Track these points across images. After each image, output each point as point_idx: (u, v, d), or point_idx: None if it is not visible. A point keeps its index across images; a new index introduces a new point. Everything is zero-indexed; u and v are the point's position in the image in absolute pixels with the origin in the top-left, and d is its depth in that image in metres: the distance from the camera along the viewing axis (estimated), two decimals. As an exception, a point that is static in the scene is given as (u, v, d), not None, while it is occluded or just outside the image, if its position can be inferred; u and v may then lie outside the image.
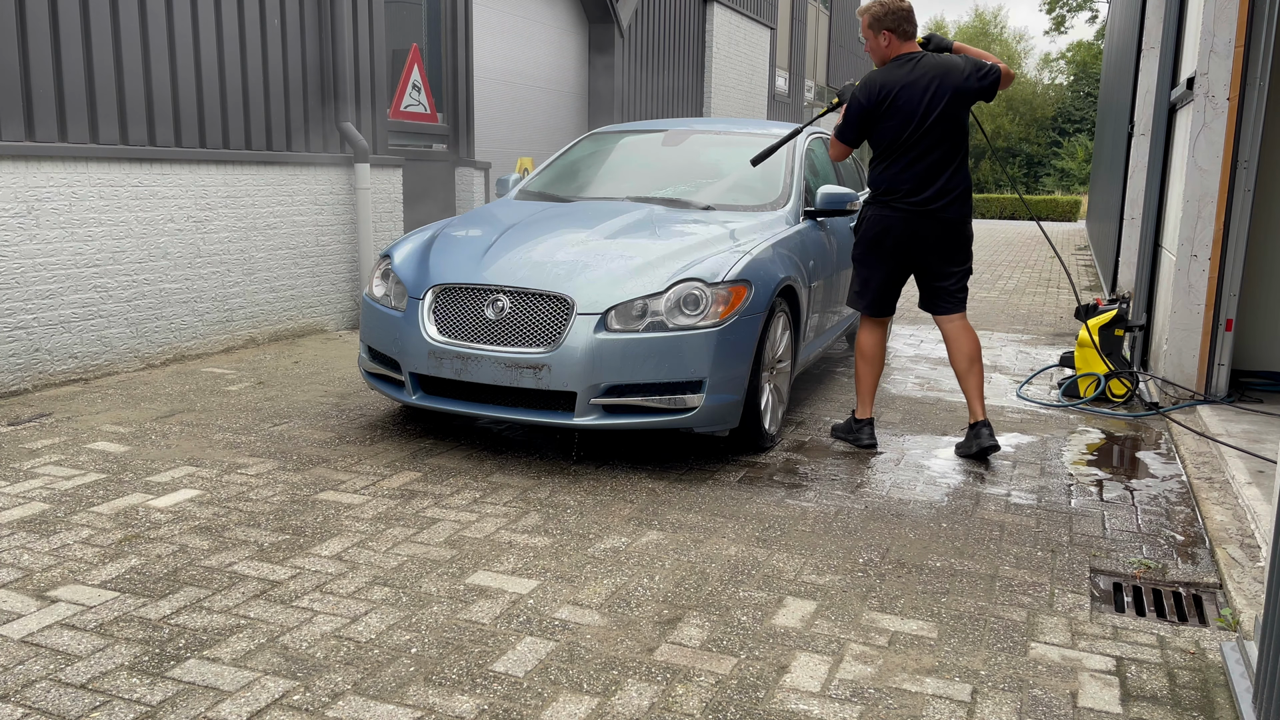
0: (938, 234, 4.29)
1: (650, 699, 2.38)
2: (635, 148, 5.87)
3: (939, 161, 4.24)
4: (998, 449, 4.31)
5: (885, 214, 4.31)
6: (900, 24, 4.25)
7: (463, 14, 8.72)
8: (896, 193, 4.27)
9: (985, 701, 2.42)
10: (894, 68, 4.25)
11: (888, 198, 4.30)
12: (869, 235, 4.38)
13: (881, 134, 4.28)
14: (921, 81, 4.19)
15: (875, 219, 4.35)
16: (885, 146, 4.29)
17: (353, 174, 7.22)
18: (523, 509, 3.62)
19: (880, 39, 4.28)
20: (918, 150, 4.22)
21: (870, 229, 4.37)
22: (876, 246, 4.37)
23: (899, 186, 4.26)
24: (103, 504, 3.54)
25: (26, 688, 2.36)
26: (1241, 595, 2.96)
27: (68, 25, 5.15)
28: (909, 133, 4.20)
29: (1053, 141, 44.98)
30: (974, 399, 4.40)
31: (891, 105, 4.20)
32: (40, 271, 5.13)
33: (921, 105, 4.18)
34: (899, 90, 4.19)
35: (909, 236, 4.30)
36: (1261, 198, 5.32)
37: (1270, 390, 5.41)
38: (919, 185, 4.24)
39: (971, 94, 4.24)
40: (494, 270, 4.17)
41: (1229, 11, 4.93)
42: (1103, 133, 15.33)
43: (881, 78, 4.24)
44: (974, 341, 4.42)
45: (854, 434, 4.56)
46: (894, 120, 4.21)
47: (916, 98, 4.18)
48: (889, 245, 4.33)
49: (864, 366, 4.54)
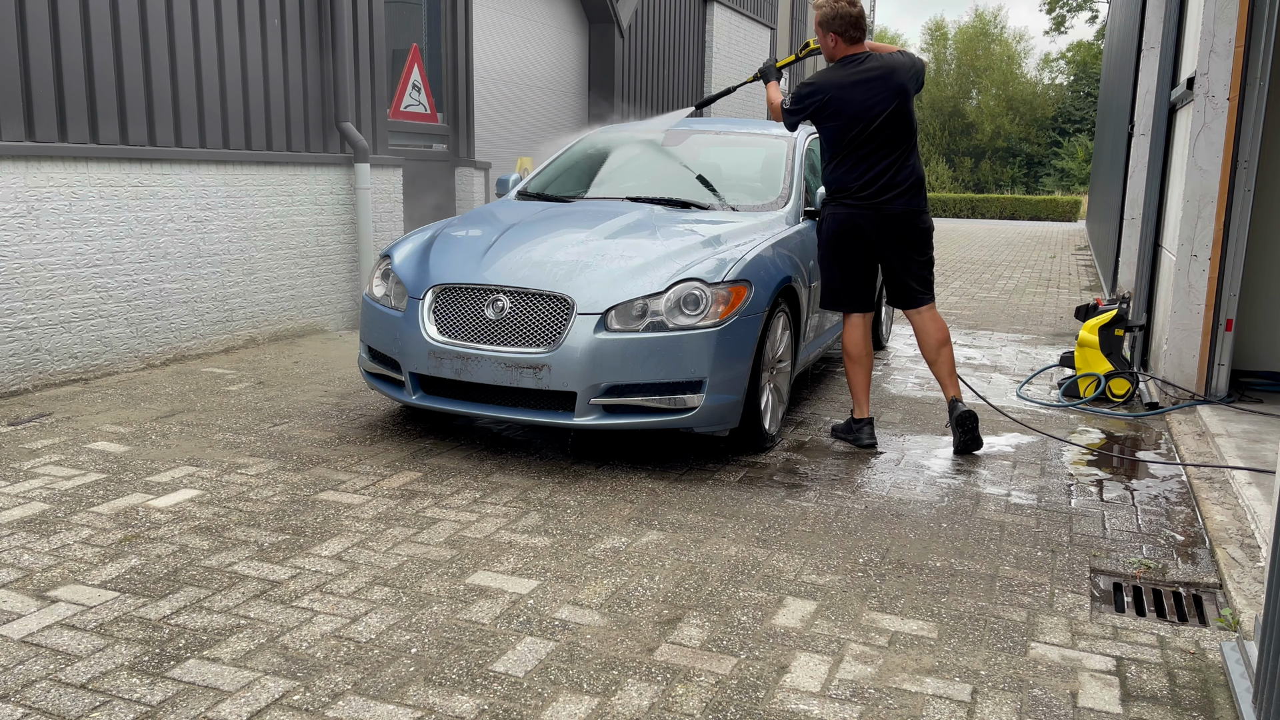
0: (891, 228, 4.39)
1: (650, 699, 2.38)
2: (635, 148, 5.86)
3: (885, 157, 4.34)
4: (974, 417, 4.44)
5: (839, 211, 4.42)
6: (846, 29, 4.36)
7: (463, 14, 8.72)
8: (847, 190, 4.39)
9: (985, 701, 2.42)
10: (834, 70, 4.40)
11: (840, 195, 4.42)
12: (829, 234, 4.48)
13: (826, 134, 4.43)
14: (863, 84, 4.31)
15: (831, 217, 4.46)
16: (832, 147, 4.42)
17: (353, 174, 7.22)
18: (523, 509, 3.62)
19: (828, 39, 4.42)
20: (864, 149, 4.33)
21: (829, 227, 4.47)
22: (837, 243, 4.46)
23: (848, 184, 4.38)
24: (103, 504, 3.54)
25: (26, 688, 2.36)
26: (1241, 595, 2.96)
27: (68, 25, 5.15)
28: (853, 134, 4.32)
29: (1053, 141, 44.97)
30: (947, 381, 4.56)
31: (830, 109, 4.33)
32: (40, 271, 5.13)
33: (863, 106, 4.29)
34: (836, 93, 4.32)
35: (865, 231, 4.39)
36: (1261, 198, 5.32)
37: (1270, 390, 5.41)
38: (868, 182, 4.34)
39: (913, 91, 4.39)
40: (494, 270, 4.17)
41: (1229, 11, 4.93)
42: (1103, 133, 15.33)
43: (819, 81, 4.39)
44: (942, 328, 4.56)
45: (854, 434, 4.57)
46: (836, 122, 4.34)
47: (858, 99, 4.30)
48: (848, 241, 4.43)
49: (851, 367, 4.60)
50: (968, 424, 4.44)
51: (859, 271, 4.50)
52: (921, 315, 4.58)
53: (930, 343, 4.56)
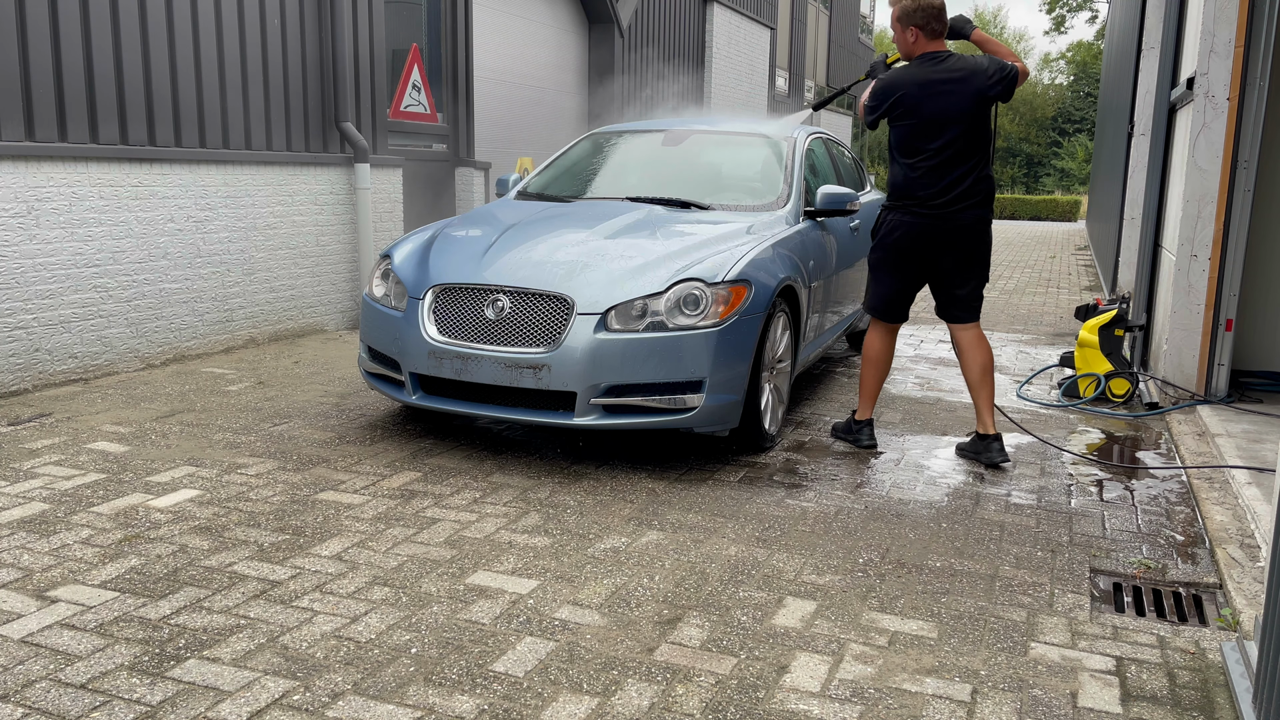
0: (956, 239, 4.18)
1: (650, 699, 2.38)
2: (635, 148, 5.86)
3: (959, 164, 4.12)
4: (1007, 463, 4.27)
5: (904, 219, 4.20)
6: (929, 21, 4.12)
7: (463, 14, 8.72)
8: (915, 197, 4.16)
9: (985, 701, 2.42)
10: (914, 67, 4.16)
11: (906, 202, 4.19)
12: (887, 240, 4.27)
13: (897, 135, 4.19)
14: (942, 84, 4.07)
15: (894, 224, 4.24)
16: (902, 149, 4.19)
17: (353, 174, 7.22)
18: (523, 509, 3.62)
19: (907, 34, 4.16)
20: (939, 155, 4.10)
21: (889, 234, 4.26)
22: (894, 252, 4.25)
23: (917, 190, 4.15)
24: (103, 504, 3.54)
25: (26, 688, 2.36)
26: (1241, 595, 2.96)
27: (68, 25, 5.15)
28: (927, 135, 4.10)
29: (1053, 141, 44.98)
30: (985, 411, 4.31)
31: (906, 107, 4.11)
32: (40, 271, 5.13)
33: (940, 107, 4.07)
34: (914, 91, 4.08)
35: (927, 242, 4.19)
36: (1261, 198, 5.32)
37: (1270, 390, 5.41)
38: (938, 188, 4.12)
39: (993, 96, 4.13)
40: (494, 270, 4.17)
41: (1229, 11, 4.93)
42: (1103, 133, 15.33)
43: (896, 78, 4.15)
44: (987, 352, 4.32)
45: (854, 435, 4.54)
46: (909, 122, 4.12)
47: (935, 100, 4.07)
48: (907, 251, 4.23)
49: (868, 370, 4.47)
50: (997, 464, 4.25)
51: (913, 283, 4.34)
52: (968, 333, 4.34)
53: (975, 365, 4.30)
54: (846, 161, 6.56)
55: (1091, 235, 17.20)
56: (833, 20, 24.88)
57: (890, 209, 4.27)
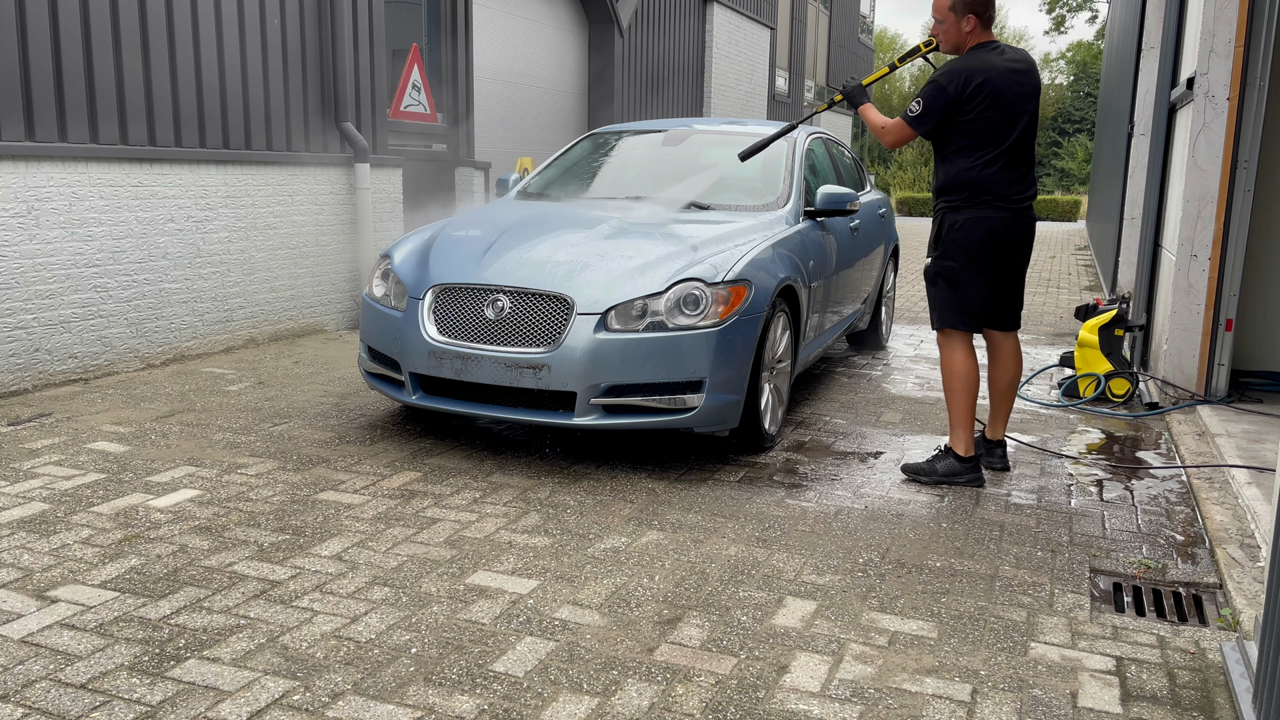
0: (1027, 237, 4.01)
1: (650, 699, 2.38)
2: (635, 148, 5.87)
3: (1027, 158, 3.96)
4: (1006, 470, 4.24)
5: (989, 216, 3.89)
6: (988, 8, 3.90)
7: (463, 14, 8.72)
8: (995, 192, 3.89)
9: (985, 701, 2.42)
10: (983, 55, 3.89)
11: (988, 198, 3.89)
12: (972, 241, 3.91)
13: (974, 127, 3.87)
14: (1016, 73, 3.88)
15: (978, 221, 3.90)
16: (979, 141, 3.88)
17: (353, 174, 7.22)
18: (523, 509, 3.62)
19: (964, 23, 3.89)
20: (1016, 148, 3.90)
21: (973, 233, 3.90)
22: (987, 253, 3.92)
23: (999, 186, 3.88)
24: (103, 504, 3.54)
25: (26, 688, 2.36)
26: (1241, 595, 2.96)
27: (68, 25, 5.15)
28: (1005, 126, 3.86)
29: (1053, 141, 44.98)
30: (1002, 419, 4.22)
31: (987, 96, 3.82)
32: (40, 271, 5.13)
33: (1018, 98, 3.87)
34: (996, 79, 3.83)
35: (1010, 240, 3.95)
36: (1261, 198, 5.32)
37: (1270, 390, 5.41)
38: (1018, 184, 3.92)
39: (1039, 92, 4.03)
40: (494, 270, 4.17)
41: (1229, 11, 4.93)
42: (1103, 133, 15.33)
43: (973, 65, 3.86)
44: (1020, 364, 4.20)
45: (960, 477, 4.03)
46: (993, 112, 3.84)
47: (1014, 88, 3.86)
48: (999, 250, 3.94)
49: (967, 395, 4.01)
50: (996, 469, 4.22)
51: (995, 285, 4.02)
52: (1012, 340, 4.16)
53: (1010, 374, 4.15)
54: (846, 161, 6.56)
55: (1091, 235, 17.20)
56: (833, 20, 24.89)
57: (962, 207, 3.93)
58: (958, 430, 4.03)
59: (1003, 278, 4.02)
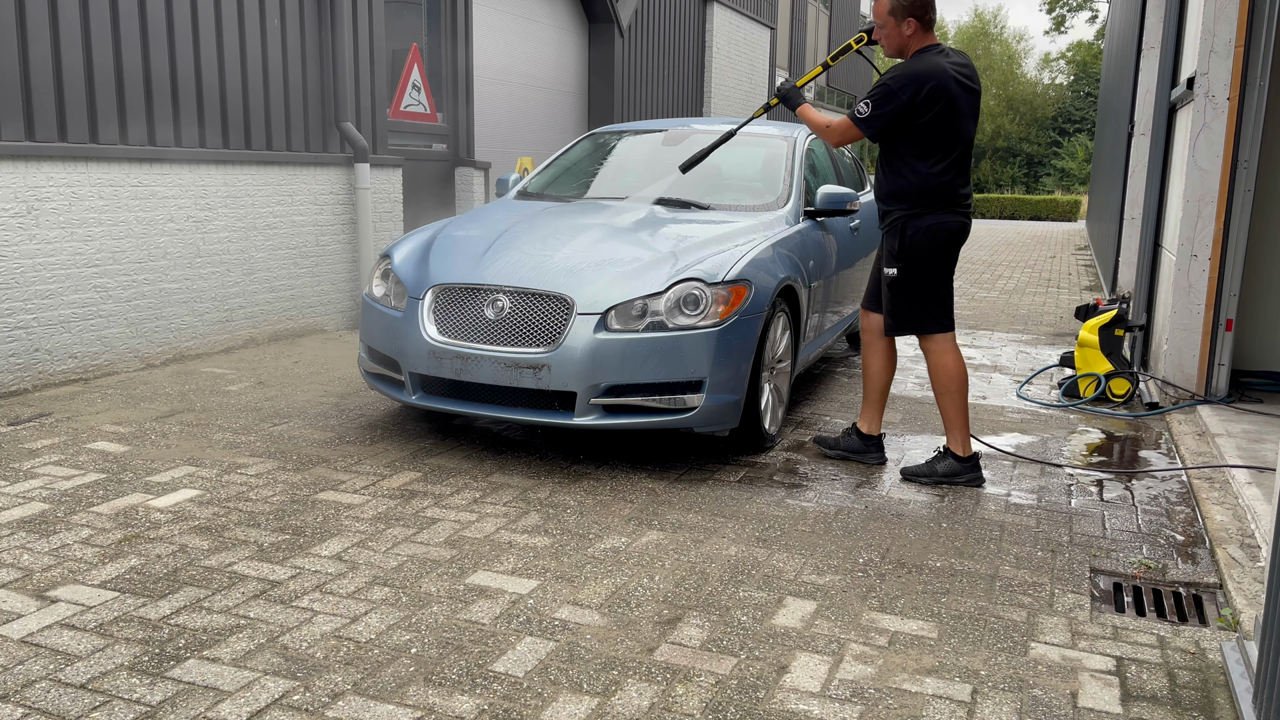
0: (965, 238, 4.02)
1: (650, 699, 2.38)
2: (635, 148, 5.86)
3: (969, 163, 3.98)
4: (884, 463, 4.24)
5: (949, 220, 3.89)
6: (927, 10, 3.88)
7: (463, 14, 8.72)
8: (953, 197, 3.89)
9: (985, 701, 2.42)
10: (930, 58, 3.85)
11: (946, 203, 3.88)
12: (935, 245, 3.90)
13: (928, 132, 3.82)
14: (965, 77, 3.88)
15: (940, 228, 3.88)
16: (934, 147, 3.84)
17: (353, 174, 7.22)
18: (523, 509, 3.62)
19: (904, 27, 3.87)
20: (964, 151, 3.91)
21: (934, 238, 3.89)
22: (947, 255, 3.94)
23: (955, 189, 3.89)
24: (103, 504, 3.54)
25: (26, 688, 2.36)
26: (1241, 595, 2.96)
27: (68, 25, 5.15)
28: (957, 131, 3.85)
29: (1053, 141, 44.98)
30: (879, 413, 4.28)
31: (942, 100, 3.79)
32: (40, 271, 5.13)
33: (969, 102, 3.88)
34: (948, 85, 3.80)
35: (962, 242, 3.99)
36: (1261, 198, 5.32)
37: (1270, 390, 5.41)
38: (966, 188, 3.93)
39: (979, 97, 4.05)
40: (494, 270, 4.17)
41: (1229, 11, 4.93)
42: (1103, 133, 15.33)
43: (923, 70, 3.80)
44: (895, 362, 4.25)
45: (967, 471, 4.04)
46: (945, 116, 3.81)
47: (964, 93, 3.86)
48: (954, 252, 3.97)
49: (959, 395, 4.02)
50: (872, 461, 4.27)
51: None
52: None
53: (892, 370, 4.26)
54: (846, 161, 6.56)
55: (1091, 235, 17.20)
56: (833, 20, 24.88)
57: (924, 214, 3.87)
58: (954, 431, 4.04)
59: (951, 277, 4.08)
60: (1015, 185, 44.76)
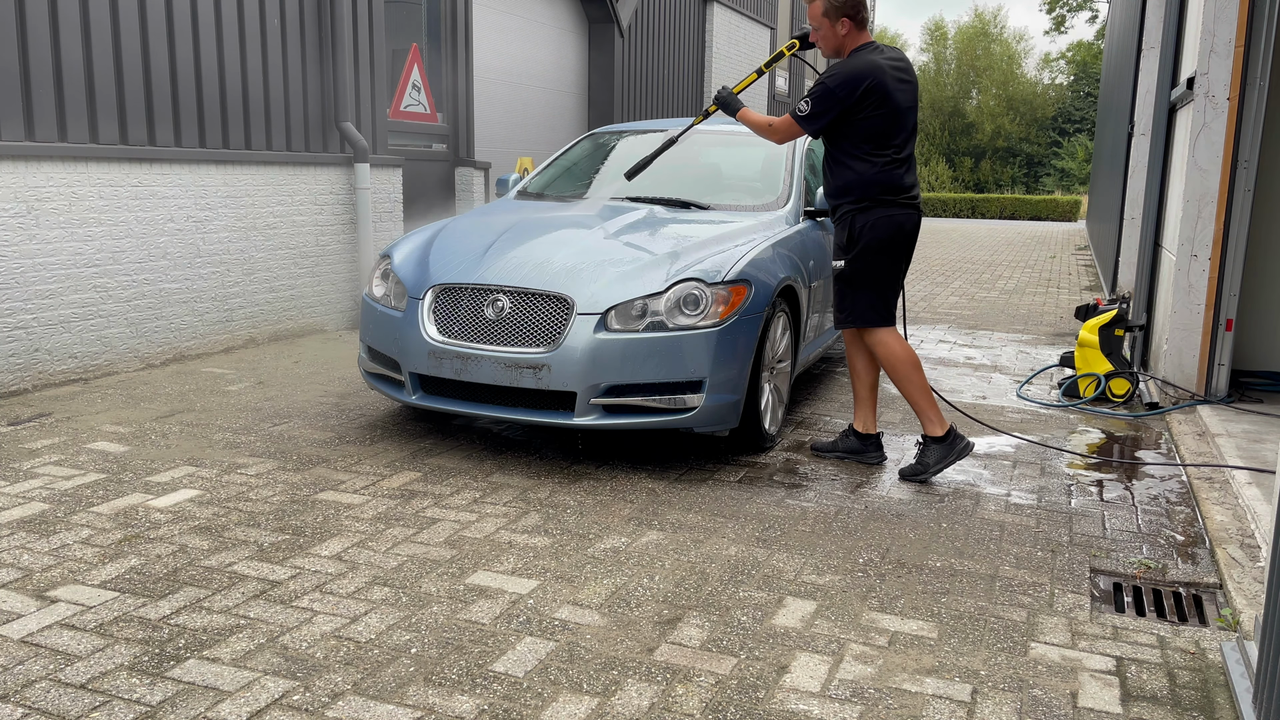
0: (917, 231, 4.12)
1: (650, 699, 2.38)
2: (635, 148, 5.86)
3: (913, 155, 4.10)
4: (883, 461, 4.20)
5: (896, 214, 3.99)
6: (859, 10, 3.98)
7: (463, 14, 8.72)
8: (900, 188, 3.99)
9: (985, 701, 2.42)
10: (865, 56, 3.96)
11: (893, 195, 3.98)
12: (882, 238, 3.99)
13: (868, 127, 3.93)
14: (900, 70, 3.99)
15: (887, 221, 3.98)
16: (876, 142, 3.95)
17: (353, 174, 7.22)
18: (523, 509, 3.62)
19: (839, 27, 3.96)
20: (904, 144, 4.00)
21: (882, 232, 3.98)
22: (896, 250, 4.04)
23: (901, 181, 3.99)
24: (103, 504, 3.54)
25: (26, 688, 2.36)
26: (1241, 595, 2.96)
27: (68, 25, 5.15)
28: (898, 125, 3.96)
29: (1053, 141, 44.98)
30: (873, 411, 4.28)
31: (878, 95, 3.90)
32: (40, 271, 5.13)
33: (907, 94, 3.98)
34: (883, 80, 3.90)
35: (912, 234, 4.07)
36: (1261, 198, 5.32)
37: (1270, 390, 5.41)
38: (913, 179, 4.05)
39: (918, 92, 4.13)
40: (494, 270, 4.17)
41: (1229, 11, 4.93)
42: (1103, 133, 15.33)
43: (859, 68, 3.91)
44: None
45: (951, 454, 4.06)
46: (885, 109, 3.91)
47: (902, 86, 3.97)
48: (904, 248, 4.07)
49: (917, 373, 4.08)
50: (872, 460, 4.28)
51: (901, 279, 4.16)
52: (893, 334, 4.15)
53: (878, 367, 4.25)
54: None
55: (1091, 235, 17.20)
56: (833, 20, 24.84)
57: (872, 208, 3.98)
58: (926, 413, 4.07)
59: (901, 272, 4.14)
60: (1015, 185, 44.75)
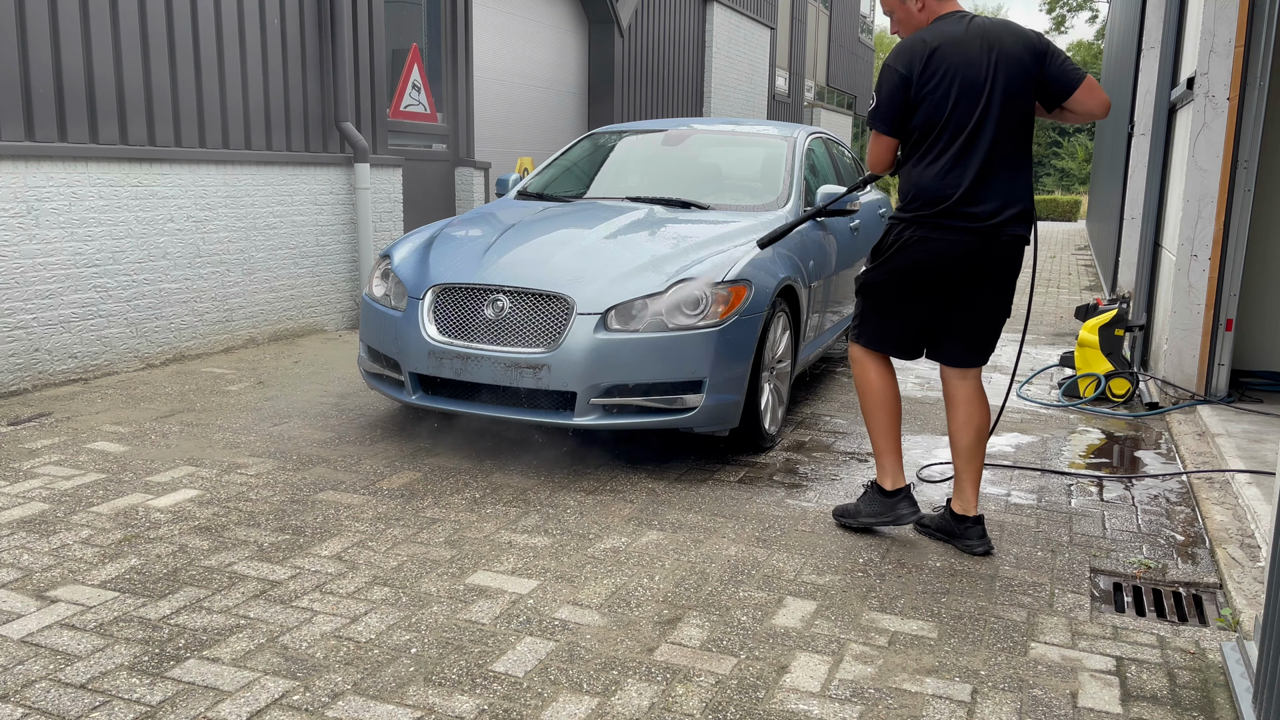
0: (994, 260, 3.12)
1: (650, 699, 2.38)
2: (635, 148, 5.86)
3: (1001, 156, 3.07)
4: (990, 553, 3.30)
5: (928, 235, 3.10)
6: None
7: (463, 14, 8.72)
8: (945, 199, 3.06)
9: (985, 701, 2.42)
10: (939, 24, 3.12)
11: (930, 210, 3.08)
12: (900, 263, 3.18)
13: (927, 115, 3.06)
14: (980, 42, 3.05)
15: (913, 242, 3.14)
16: (932, 132, 3.08)
17: (353, 174, 7.22)
18: (523, 509, 3.62)
19: (913, 3, 3.18)
20: (975, 138, 3.05)
21: (903, 255, 3.17)
22: (906, 277, 3.19)
23: (948, 192, 3.05)
24: (103, 504, 3.54)
25: (26, 688, 2.36)
26: (1241, 595, 2.96)
27: (68, 25, 5.15)
28: (967, 110, 3.03)
29: (1053, 141, 44.97)
30: (970, 487, 3.31)
31: (942, 69, 3.02)
32: (40, 271, 5.13)
33: (983, 72, 3.03)
34: (950, 48, 3.03)
35: (956, 266, 3.12)
36: (1261, 198, 5.32)
37: (1270, 390, 5.41)
38: (977, 190, 3.06)
39: (1034, 79, 3.08)
40: (494, 270, 4.17)
41: (1229, 11, 4.93)
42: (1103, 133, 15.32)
43: (925, 37, 3.08)
44: (986, 411, 3.30)
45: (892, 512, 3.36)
46: (943, 90, 3.02)
47: (975, 61, 3.03)
48: (927, 278, 3.17)
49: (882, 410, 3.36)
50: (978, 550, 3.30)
51: (919, 317, 3.28)
52: (971, 381, 3.30)
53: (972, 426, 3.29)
54: (846, 161, 6.56)
55: (1091, 235, 17.20)
56: (833, 20, 24.88)
57: (907, 220, 3.17)
58: (880, 458, 3.39)
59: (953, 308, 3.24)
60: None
